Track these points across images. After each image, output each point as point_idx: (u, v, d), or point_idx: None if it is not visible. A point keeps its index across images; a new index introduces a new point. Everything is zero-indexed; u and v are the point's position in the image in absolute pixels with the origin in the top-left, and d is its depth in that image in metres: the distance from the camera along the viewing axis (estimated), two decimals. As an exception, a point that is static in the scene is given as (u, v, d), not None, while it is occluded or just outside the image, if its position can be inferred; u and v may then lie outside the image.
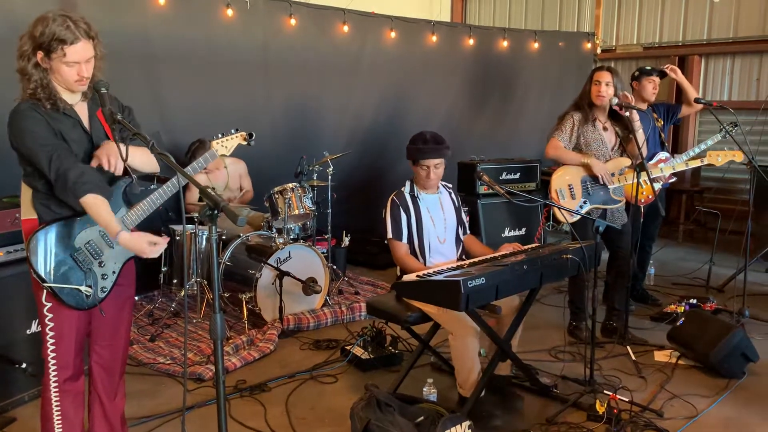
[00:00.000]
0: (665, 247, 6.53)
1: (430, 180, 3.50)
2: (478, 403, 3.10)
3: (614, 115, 4.14)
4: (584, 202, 4.09)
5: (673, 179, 4.83)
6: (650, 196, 4.43)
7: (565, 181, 4.12)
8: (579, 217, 3.98)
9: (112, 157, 2.30)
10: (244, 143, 2.59)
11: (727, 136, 4.58)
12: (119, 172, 2.35)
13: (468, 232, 3.73)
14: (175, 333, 4.39)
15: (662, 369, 3.78)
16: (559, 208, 3.86)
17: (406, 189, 3.57)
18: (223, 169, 5.12)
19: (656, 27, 7.69)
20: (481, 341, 3.24)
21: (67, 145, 2.26)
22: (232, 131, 2.58)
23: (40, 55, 2.20)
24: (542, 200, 3.83)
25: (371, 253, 6.27)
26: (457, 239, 3.62)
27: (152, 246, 2.26)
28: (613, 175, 4.09)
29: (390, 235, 3.47)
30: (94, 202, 2.22)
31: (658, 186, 4.53)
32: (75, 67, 2.22)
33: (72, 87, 2.28)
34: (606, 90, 4.01)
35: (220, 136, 2.57)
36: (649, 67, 4.71)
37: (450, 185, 3.74)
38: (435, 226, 3.51)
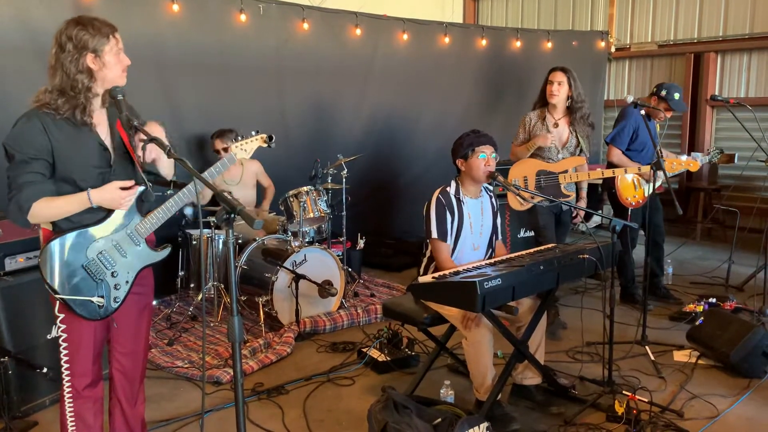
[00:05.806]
0: (683, 246, 6.46)
1: (489, 168, 3.33)
2: (496, 406, 3.08)
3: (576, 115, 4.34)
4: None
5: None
6: (641, 201, 4.63)
7: (520, 173, 4.36)
8: (531, 204, 4.21)
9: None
10: (264, 146, 2.60)
11: (712, 160, 4.73)
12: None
13: (499, 237, 3.63)
14: (193, 337, 4.43)
15: (682, 369, 3.74)
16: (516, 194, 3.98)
17: (452, 190, 3.42)
18: (239, 165, 5.14)
19: (671, 24, 7.61)
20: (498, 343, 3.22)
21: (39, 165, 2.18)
22: (252, 133, 2.59)
23: (90, 57, 2.18)
24: (556, 200, 3.82)
25: (386, 255, 6.28)
26: (489, 246, 3.54)
27: (124, 192, 2.25)
28: (566, 171, 4.26)
29: (434, 234, 3.32)
30: (45, 204, 2.18)
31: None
32: (121, 53, 2.25)
33: (119, 80, 2.26)
34: (558, 89, 4.29)
35: (239, 138, 2.58)
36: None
37: (491, 188, 3.58)
38: (472, 233, 3.43)
